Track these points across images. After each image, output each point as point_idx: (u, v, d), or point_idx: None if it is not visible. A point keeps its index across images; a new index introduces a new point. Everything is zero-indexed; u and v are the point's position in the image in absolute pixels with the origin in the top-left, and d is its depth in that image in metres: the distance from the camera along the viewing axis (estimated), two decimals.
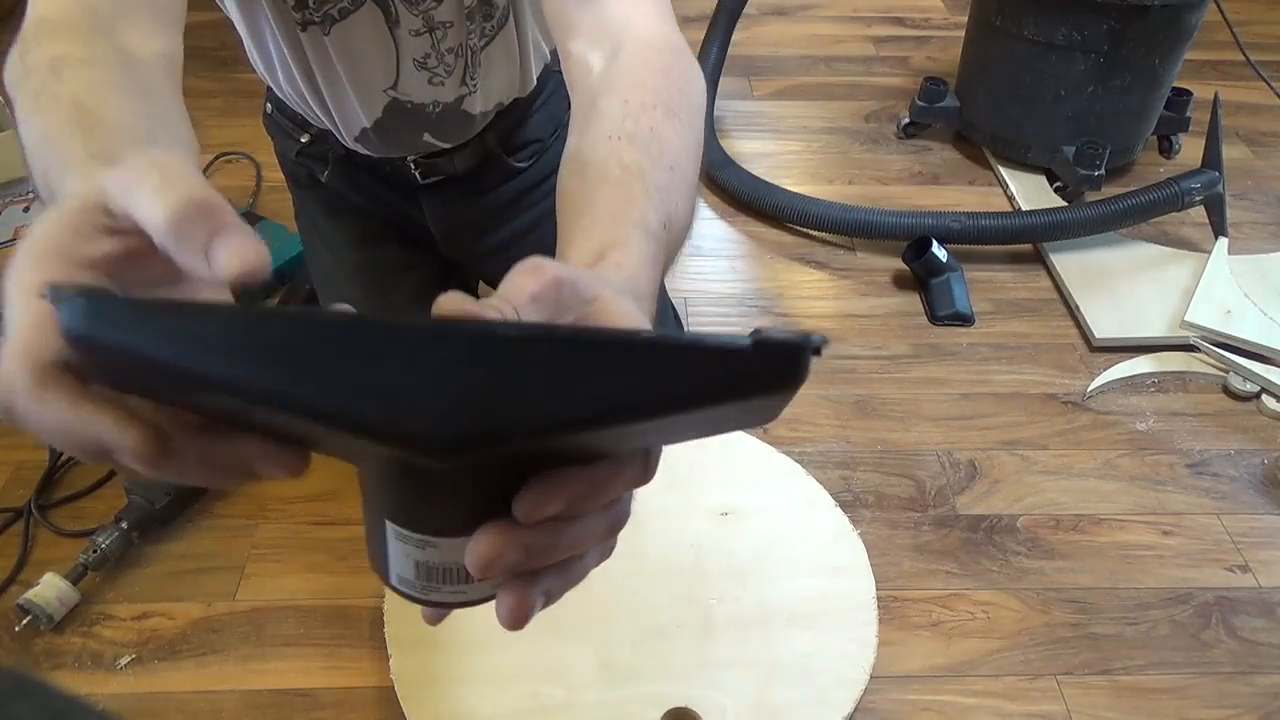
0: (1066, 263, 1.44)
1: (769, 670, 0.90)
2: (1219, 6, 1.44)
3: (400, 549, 0.30)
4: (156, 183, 0.27)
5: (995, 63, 1.59)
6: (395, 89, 0.84)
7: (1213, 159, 1.41)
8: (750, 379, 0.25)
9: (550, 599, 0.30)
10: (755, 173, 1.57)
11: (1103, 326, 1.33)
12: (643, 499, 0.95)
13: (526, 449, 0.25)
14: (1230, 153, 1.60)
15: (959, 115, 1.70)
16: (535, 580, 0.29)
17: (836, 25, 2.13)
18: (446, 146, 0.93)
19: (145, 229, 0.28)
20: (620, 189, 0.43)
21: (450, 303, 0.28)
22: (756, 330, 0.26)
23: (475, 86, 0.87)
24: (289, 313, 0.24)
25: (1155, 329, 1.32)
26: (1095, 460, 1.17)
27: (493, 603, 0.30)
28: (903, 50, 2.04)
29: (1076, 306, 1.37)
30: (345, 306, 0.26)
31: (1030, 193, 1.59)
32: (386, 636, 0.91)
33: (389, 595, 0.93)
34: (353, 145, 0.91)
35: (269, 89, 0.95)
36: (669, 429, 0.27)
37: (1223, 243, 1.43)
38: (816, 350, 0.26)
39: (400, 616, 0.92)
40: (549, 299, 0.30)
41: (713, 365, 0.25)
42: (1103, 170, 1.49)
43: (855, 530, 1.03)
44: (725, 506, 1.03)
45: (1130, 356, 1.29)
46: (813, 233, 1.51)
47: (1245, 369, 1.25)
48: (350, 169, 0.97)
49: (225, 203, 0.28)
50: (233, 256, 0.27)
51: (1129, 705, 0.93)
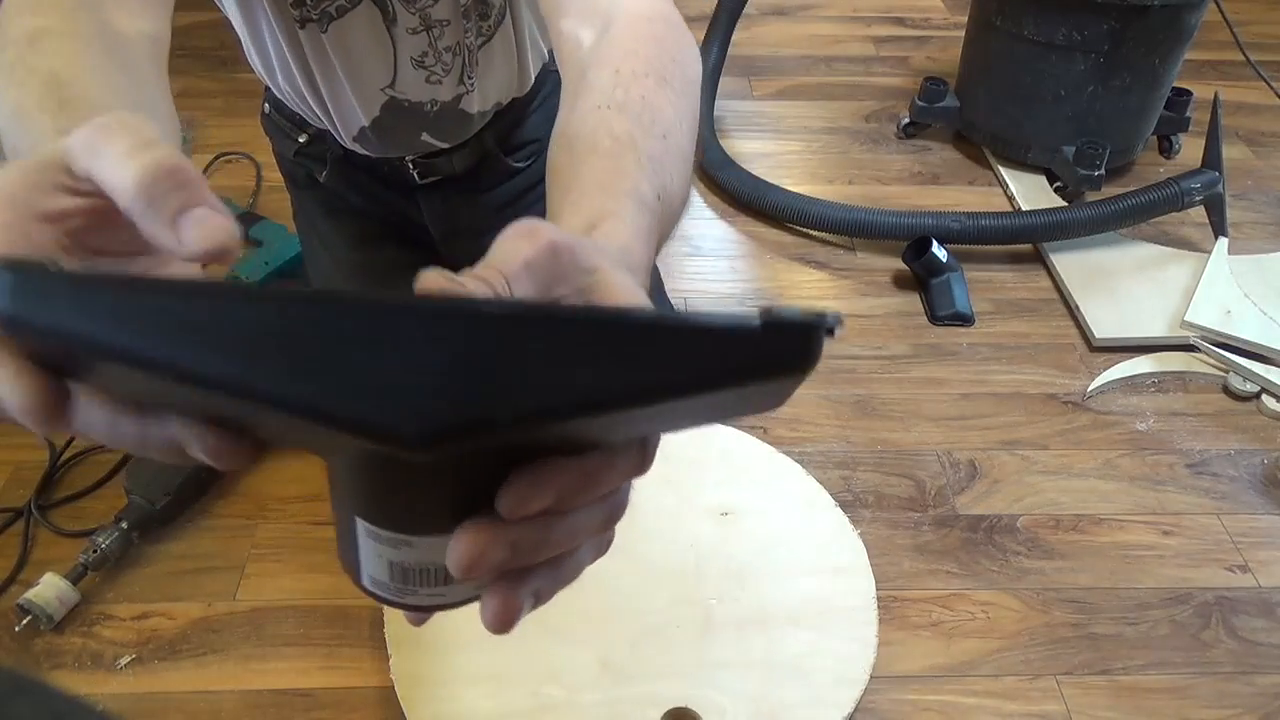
0: (1066, 263, 1.44)
1: (768, 670, 0.90)
2: (1219, 6, 1.44)
3: (373, 548, 0.27)
4: (127, 144, 0.26)
5: (995, 63, 1.59)
6: (393, 87, 0.84)
7: (1213, 159, 1.41)
8: (759, 362, 0.23)
9: (540, 599, 0.27)
10: (755, 173, 1.57)
11: (1103, 326, 1.33)
12: (642, 499, 0.96)
13: (513, 439, 0.23)
14: (1230, 153, 1.60)
15: (959, 115, 1.69)
16: (523, 580, 0.26)
17: (836, 25, 2.13)
18: (445, 146, 0.93)
19: (110, 193, 0.26)
20: (610, 159, 0.40)
21: (432, 280, 0.25)
22: (765, 308, 0.24)
23: (473, 86, 0.87)
24: (244, 290, 0.22)
25: (1155, 329, 1.32)
26: (1095, 460, 1.17)
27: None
28: (903, 50, 2.04)
29: (1076, 306, 1.37)
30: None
31: (1030, 193, 1.59)
32: (386, 636, 0.91)
33: None
34: (351, 145, 0.91)
35: (267, 89, 0.95)
36: (669, 416, 0.25)
37: (1223, 243, 1.43)
38: (830, 330, 0.24)
39: (400, 616, 0.92)
40: (544, 267, 0.27)
41: (718, 347, 0.23)
42: (1103, 170, 1.49)
43: (855, 530, 1.03)
44: (725, 506, 1.03)
45: (1130, 356, 1.29)
46: (813, 233, 1.51)
47: (1245, 369, 1.25)
48: (348, 169, 0.97)
49: (199, 173, 0.26)
50: (202, 232, 0.25)
51: (1129, 705, 0.93)
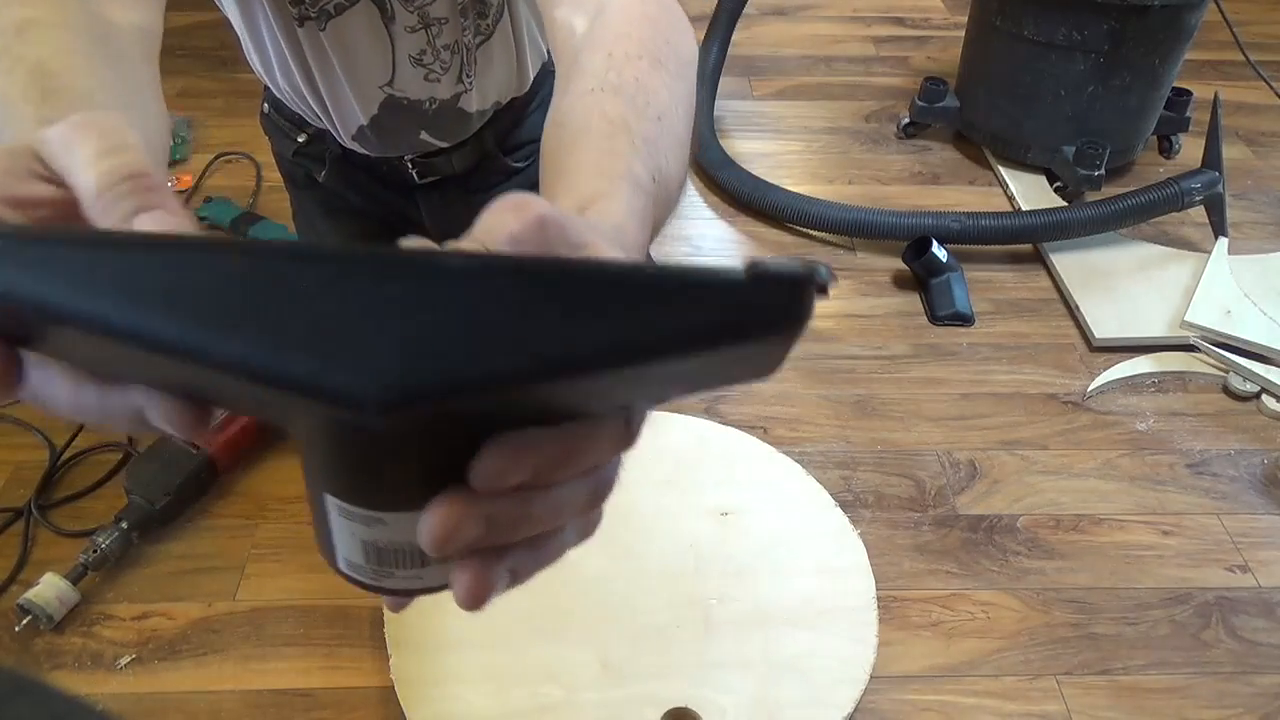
0: (1066, 263, 1.44)
1: (768, 670, 0.90)
2: (1219, 6, 1.44)
3: (345, 528, 0.26)
4: (94, 147, 0.26)
5: (995, 63, 1.59)
6: (391, 86, 0.84)
7: (1213, 159, 1.41)
8: (745, 319, 0.22)
9: (518, 578, 0.26)
10: (755, 173, 1.57)
11: (1103, 326, 1.33)
12: (642, 499, 0.96)
13: (483, 406, 0.21)
14: (1230, 153, 1.60)
15: (959, 115, 1.69)
16: (500, 555, 0.25)
17: (836, 25, 2.12)
18: (444, 145, 0.93)
19: (74, 191, 0.27)
20: (604, 141, 0.39)
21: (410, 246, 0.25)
22: (751, 261, 0.22)
23: (471, 84, 0.87)
24: (194, 241, 0.21)
25: (1155, 329, 1.32)
26: (1095, 460, 1.17)
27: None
28: (903, 50, 2.04)
29: (1076, 306, 1.37)
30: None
31: (1030, 193, 1.59)
32: (386, 636, 0.91)
33: None
34: (350, 144, 0.91)
35: (266, 88, 0.95)
36: (652, 381, 0.24)
37: (1223, 243, 1.43)
38: (823, 287, 0.22)
39: (400, 616, 0.92)
40: (532, 242, 0.26)
41: (699, 303, 0.21)
42: (1103, 170, 1.49)
43: (855, 530, 1.03)
44: (725, 506, 1.03)
45: (1130, 356, 1.29)
46: (813, 233, 1.51)
47: (1245, 369, 1.25)
48: (348, 169, 0.97)
49: (159, 177, 0.27)
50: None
51: (1129, 705, 0.93)
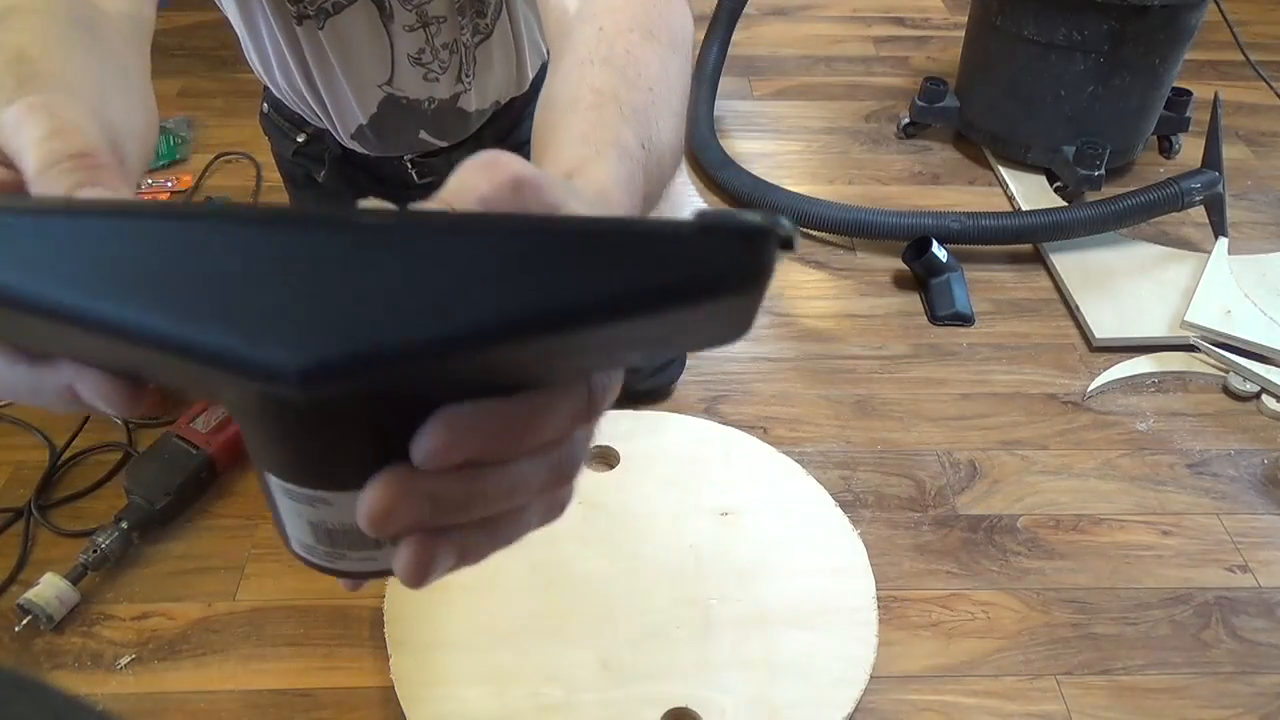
0: (1066, 263, 1.44)
1: (769, 670, 0.90)
2: (1219, 6, 1.44)
3: (291, 508, 0.25)
4: (42, 128, 0.26)
5: (995, 63, 1.59)
6: (390, 85, 0.84)
7: (1213, 159, 1.41)
8: (693, 277, 0.19)
9: (469, 557, 0.24)
10: (755, 173, 1.57)
11: (1103, 326, 1.33)
12: (642, 499, 0.96)
13: (419, 377, 0.20)
14: (1230, 153, 1.60)
15: (959, 115, 1.69)
16: (446, 531, 0.23)
17: (836, 25, 2.12)
18: (443, 145, 0.93)
19: (22, 172, 0.26)
20: (591, 112, 0.38)
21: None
22: (702, 212, 0.20)
23: (470, 84, 0.87)
24: (107, 205, 0.20)
25: (1155, 329, 1.32)
26: (1095, 460, 1.17)
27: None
28: (903, 50, 2.04)
29: (1076, 306, 1.37)
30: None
31: (1030, 193, 1.59)
32: (386, 637, 0.91)
33: (389, 595, 0.93)
34: (349, 144, 0.91)
35: (266, 88, 0.95)
36: (605, 346, 0.22)
37: (1223, 243, 1.43)
38: (786, 242, 0.20)
39: (400, 617, 0.92)
40: (504, 203, 0.24)
41: (645, 257, 0.19)
42: (1103, 170, 1.49)
43: (855, 530, 1.03)
44: (725, 506, 1.03)
45: (1130, 356, 1.29)
46: (813, 233, 1.51)
47: (1245, 369, 1.25)
48: (347, 169, 0.97)
49: (111, 159, 0.26)
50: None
51: (1129, 705, 0.93)
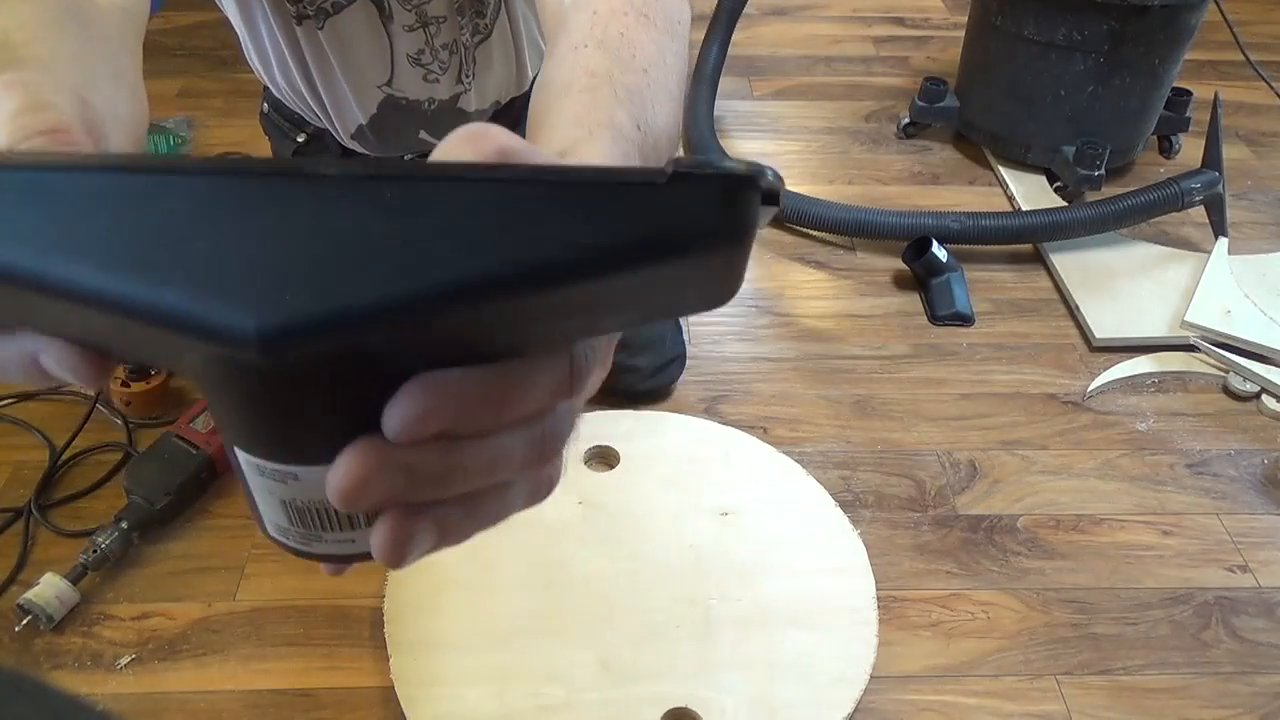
0: (1066, 263, 1.44)
1: (769, 670, 0.90)
2: (1219, 6, 1.44)
3: (262, 486, 0.23)
4: (15, 104, 0.26)
5: (995, 63, 1.59)
6: (390, 85, 0.84)
7: (1213, 159, 1.41)
8: (671, 228, 0.18)
9: (450, 537, 0.23)
10: None
11: (1103, 326, 1.33)
12: (642, 499, 0.96)
13: (387, 342, 0.19)
14: (1230, 153, 1.60)
15: (959, 115, 1.69)
16: (424, 507, 0.23)
17: (836, 25, 2.13)
18: None
19: None
20: (585, 94, 0.38)
21: None
22: (677, 159, 0.19)
23: (470, 84, 0.87)
24: (65, 160, 0.19)
25: (1155, 329, 1.32)
26: (1095, 460, 1.17)
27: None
28: (903, 50, 2.04)
29: (1076, 306, 1.37)
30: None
31: (1030, 193, 1.59)
32: (386, 637, 0.91)
33: (389, 595, 0.93)
34: (349, 144, 0.91)
35: (266, 88, 0.95)
36: (584, 309, 0.21)
37: (1223, 243, 1.43)
38: (770, 194, 0.18)
39: (400, 617, 0.92)
40: None
41: (616, 208, 0.18)
42: (1103, 170, 1.49)
43: (855, 530, 1.03)
44: (725, 506, 1.03)
45: (1130, 356, 1.29)
46: (813, 233, 1.51)
47: (1245, 369, 1.25)
48: None
49: (82, 135, 0.26)
50: None
51: (1129, 705, 0.93)
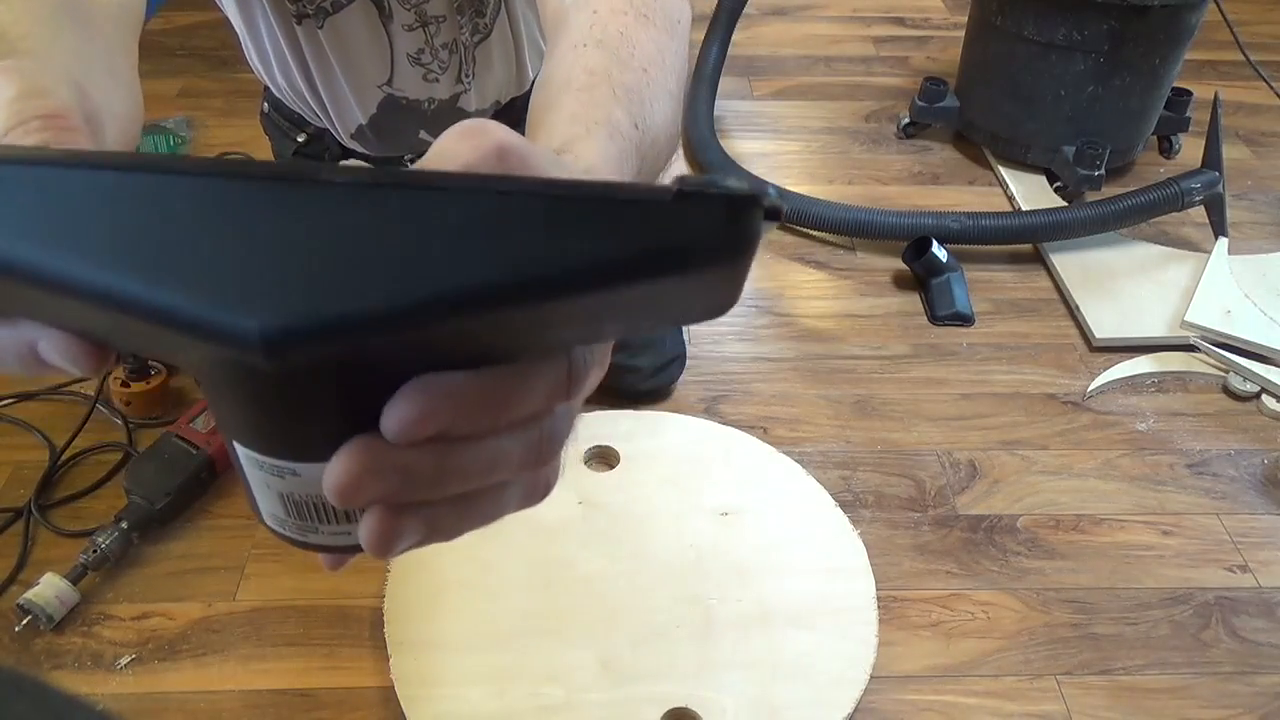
0: (1066, 263, 1.44)
1: (769, 670, 0.90)
2: (1219, 6, 1.44)
3: (260, 479, 0.24)
4: (12, 91, 0.25)
5: (995, 63, 1.59)
6: (390, 85, 0.84)
7: (1213, 159, 1.41)
8: (675, 245, 0.19)
9: (438, 533, 0.24)
10: (755, 173, 1.57)
11: (1103, 326, 1.33)
12: (642, 499, 0.96)
13: (389, 346, 0.19)
14: (1230, 153, 1.60)
15: (959, 115, 1.69)
16: (416, 504, 0.23)
17: (836, 25, 2.13)
18: None
19: None
20: (584, 92, 0.38)
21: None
22: (682, 177, 0.19)
23: (470, 84, 0.87)
24: (71, 156, 0.19)
25: (1155, 329, 1.32)
26: (1095, 460, 1.17)
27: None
28: (903, 50, 2.04)
29: (1076, 306, 1.37)
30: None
31: (1030, 193, 1.59)
32: (386, 637, 0.91)
33: (389, 595, 0.94)
34: (349, 144, 0.91)
35: (266, 88, 0.95)
36: (583, 318, 0.21)
37: (1223, 243, 1.43)
38: (773, 211, 0.19)
39: (400, 617, 0.92)
40: (487, 171, 0.23)
41: (622, 224, 0.19)
42: (1103, 170, 1.49)
43: (855, 530, 1.03)
44: (725, 506, 1.03)
45: (1130, 356, 1.29)
46: (813, 233, 1.51)
47: (1245, 369, 1.25)
48: None
49: (79, 121, 0.26)
50: None
51: (1129, 705, 0.93)
